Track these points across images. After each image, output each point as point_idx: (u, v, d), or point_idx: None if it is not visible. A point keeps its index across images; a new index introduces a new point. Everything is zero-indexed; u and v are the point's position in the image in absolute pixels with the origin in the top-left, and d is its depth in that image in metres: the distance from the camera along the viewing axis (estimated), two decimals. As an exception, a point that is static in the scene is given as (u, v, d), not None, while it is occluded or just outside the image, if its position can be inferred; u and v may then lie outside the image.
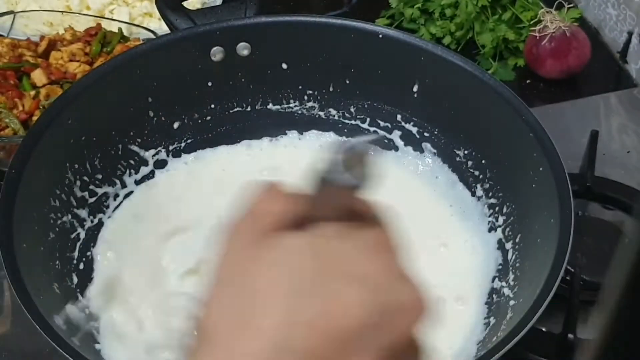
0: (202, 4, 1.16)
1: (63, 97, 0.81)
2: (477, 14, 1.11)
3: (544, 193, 0.75)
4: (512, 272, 0.78)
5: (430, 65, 0.86)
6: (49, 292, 0.72)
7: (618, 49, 1.14)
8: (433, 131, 0.90)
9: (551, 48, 1.07)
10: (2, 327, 0.83)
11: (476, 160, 0.86)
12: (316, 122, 0.94)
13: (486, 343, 0.73)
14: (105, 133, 0.85)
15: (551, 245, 0.70)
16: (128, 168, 0.88)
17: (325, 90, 0.93)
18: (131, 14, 1.14)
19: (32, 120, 0.93)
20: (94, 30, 1.04)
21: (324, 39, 0.89)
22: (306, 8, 1.24)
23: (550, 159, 0.75)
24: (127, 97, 0.86)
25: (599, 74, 1.13)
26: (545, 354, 0.77)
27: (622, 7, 1.12)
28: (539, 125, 0.78)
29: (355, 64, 0.90)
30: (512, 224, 0.81)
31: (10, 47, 0.99)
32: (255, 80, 0.92)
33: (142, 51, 0.86)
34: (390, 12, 1.18)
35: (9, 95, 0.94)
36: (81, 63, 0.99)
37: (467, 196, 0.87)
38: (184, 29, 0.90)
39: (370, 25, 0.88)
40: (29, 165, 0.74)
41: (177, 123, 0.91)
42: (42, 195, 0.77)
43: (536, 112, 0.80)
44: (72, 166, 0.81)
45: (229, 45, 0.88)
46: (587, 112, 1.07)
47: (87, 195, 0.83)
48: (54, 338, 0.63)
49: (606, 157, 0.98)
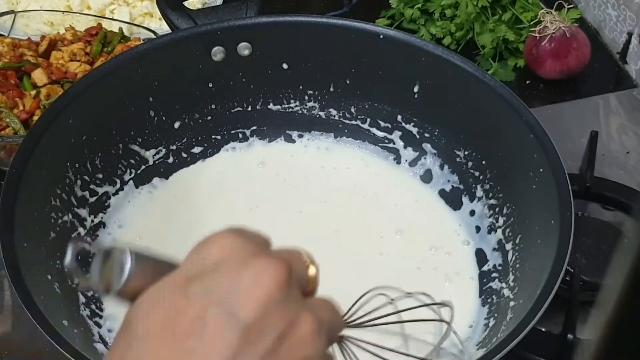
0: (203, 4, 1.16)
1: (64, 96, 0.81)
2: (477, 15, 1.11)
3: (544, 194, 0.75)
4: (512, 273, 0.78)
5: (430, 65, 0.86)
6: (49, 291, 0.72)
7: (618, 50, 1.14)
8: (433, 132, 0.90)
9: (551, 49, 1.07)
10: (2, 326, 0.83)
11: (476, 161, 0.87)
12: (317, 122, 0.95)
13: (486, 344, 0.73)
14: (105, 133, 0.85)
15: (551, 246, 0.70)
16: (129, 167, 0.88)
17: (325, 91, 0.93)
18: (132, 13, 1.14)
19: (32, 120, 0.93)
20: (95, 30, 1.04)
21: (324, 39, 0.89)
22: (307, 8, 1.24)
23: (550, 159, 0.75)
24: (127, 96, 0.86)
25: (599, 75, 1.13)
26: (545, 354, 0.77)
27: (622, 8, 1.12)
28: (538, 126, 0.78)
29: (355, 64, 0.90)
30: (512, 225, 0.81)
31: (11, 46, 0.99)
32: (255, 80, 0.92)
33: (143, 51, 0.86)
34: (391, 13, 1.18)
35: (9, 94, 0.94)
36: (82, 63, 0.99)
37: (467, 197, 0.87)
38: (185, 29, 0.90)
39: (371, 25, 0.88)
40: (30, 165, 0.74)
41: (178, 123, 0.91)
42: (43, 194, 0.77)
43: (536, 112, 0.80)
44: (72, 165, 0.81)
45: (229, 45, 0.88)
46: (587, 112, 1.07)
47: (88, 194, 0.83)
48: (54, 337, 0.63)
49: (606, 157, 0.99)
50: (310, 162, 0.93)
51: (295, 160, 0.93)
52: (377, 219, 0.87)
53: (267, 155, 0.94)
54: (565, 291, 0.78)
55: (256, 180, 0.91)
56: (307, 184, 0.90)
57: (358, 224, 0.86)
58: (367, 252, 0.84)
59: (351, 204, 0.88)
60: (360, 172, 0.92)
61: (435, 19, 1.14)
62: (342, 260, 0.82)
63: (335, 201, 0.89)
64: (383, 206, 0.88)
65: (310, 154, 0.94)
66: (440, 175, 0.90)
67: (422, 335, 0.75)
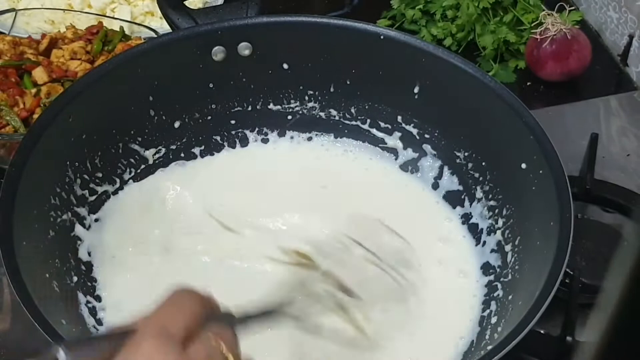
0: (203, 4, 1.16)
1: (64, 95, 0.81)
2: (478, 16, 1.11)
3: (543, 196, 0.75)
4: (512, 274, 0.78)
5: (431, 66, 0.86)
6: (48, 290, 0.72)
7: (619, 52, 1.14)
8: (433, 133, 0.90)
9: (552, 50, 1.07)
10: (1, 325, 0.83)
11: (476, 162, 0.87)
12: (317, 122, 0.94)
13: (485, 345, 0.73)
14: (105, 131, 0.85)
15: (550, 248, 0.70)
16: (128, 167, 0.88)
17: (326, 91, 0.93)
18: (133, 12, 1.14)
19: (32, 118, 0.93)
20: (96, 29, 1.04)
21: (325, 39, 0.89)
22: (307, 8, 1.24)
23: (550, 161, 0.75)
24: (128, 95, 0.86)
25: (600, 77, 1.13)
26: (544, 356, 0.77)
27: (623, 10, 1.12)
28: (539, 128, 0.78)
29: (356, 64, 0.90)
30: (512, 227, 0.81)
31: (11, 44, 0.99)
32: (256, 80, 0.92)
33: (144, 50, 0.86)
34: (392, 13, 1.18)
35: (10, 92, 0.94)
36: (82, 61, 0.99)
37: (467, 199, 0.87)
38: (186, 28, 0.90)
39: (372, 26, 0.88)
40: (30, 163, 0.74)
41: (178, 122, 0.91)
42: (43, 193, 0.77)
43: (536, 114, 0.80)
44: (72, 164, 0.81)
45: (230, 45, 0.88)
46: (587, 114, 1.07)
47: (87, 193, 0.83)
48: (52, 336, 0.63)
49: (606, 160, 0.99)
50: (310, 162, 0.93)
51: (295, 160, 0.93)
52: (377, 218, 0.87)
53: (267, 155, 0.93)
54: (564, 293, 0.77)
55: (256, 180, 0.91)
56: (306, 184, 0.90)
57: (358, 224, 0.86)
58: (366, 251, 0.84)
59: (351, 204, 0.88)
60: (360, 172, 0.92)
61: (436, 20, 1.14)
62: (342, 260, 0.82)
63: (335, 201, 0.88)
64: (383, 206, 0.88)
65: (310, 154, 0.94)
66: (440, 176, 0.90)
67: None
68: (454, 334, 0.77)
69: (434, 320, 0.77)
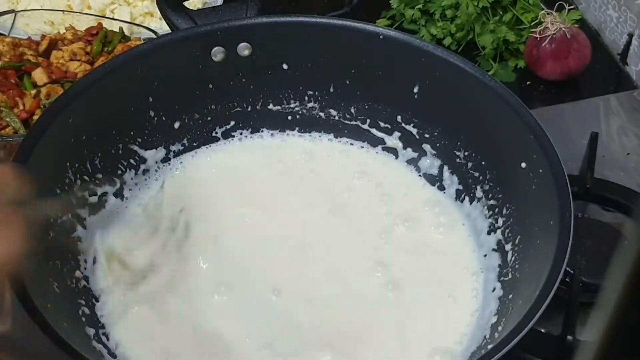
0: (203, 4, 1.16)
1: (64, 96, 0.81)
2: (478, 15, 1.11)
3: (543, 195, 0.75)
4: (512, 274, 0.78)
5: (430, 66, 0.86)
6: (48, 292, 0.71)
7: (618, 51, 1.14)
8: (433, 132, 0.90)
9: (551, 49, 1.07)
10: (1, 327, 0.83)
11: (476, 162, 0.87)
12: (316, 122, 0.95)
13: (485, 344, 0.73)
14: (105, 132, 0.85)
15: (550, 247, 0.70)
16: (128, 167, 0.88)
17: (325, 91, 0.93)
18: (132, 13, 1.14)
19: (32, 120, 0.93)
20: (95, 30, 1.04)
21: (324, 39, 0.89)
22: (307, 8, 1.24)
23: (550, 160, 0.75)
24: (127, 96, 0.86)
25: (599, 76, 1.13)
26: (544, 355, 0.77)
27: (622, 9, 1.12)
28: (539, 127, 0.78)
29: (355, 64, 0.90)
30: (512, 226, 0.81)
31: (11, 46, 0.99)
32: (255, 80, 0.92)
33: (143, 51, 0.86)
34: (391, 13, 1.19)
35: (9, 94, 0.94)
36: (82, 62, 0.99)
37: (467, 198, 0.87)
38: (185, 29, 0.90)
39: (371, 26, 0.88)
40: (30, 165, 0.74)
41: (178, 123, 0.91)
42: (43, 194, 0.77)
43: (536, 113, 0.80)
44: (72, 165, 0.81)
45: (229, 46, 0.88)
46: (587, 113, 1.07)
47: (87, 194, 0.83)
48: (53, 337, 0.63)
49: (606, 158, 0.99)
50: (310, 162, 0.93)
51: (295, 160, 0.93)
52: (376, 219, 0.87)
53: (266, 156, 0.93)
54: (565, 292, 0.78)
55: (256, 180, 0.91)
56: (306, 183, 0.90)
57: (357, 224, 0.86)
58: (366, 251, 0.84)
59: (351, 204, 0.88)
60: (359, 172, 0.92)
61: (435, 19, 1.14)
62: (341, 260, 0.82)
63: (335, 201, 0.88)
64: (382, 206, 0.88)
65: (309, 154, 0.94)
66: (440, 176, 0.90)
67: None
68: (453, 332, 0.77)
69: (433, 319, 0.77)
